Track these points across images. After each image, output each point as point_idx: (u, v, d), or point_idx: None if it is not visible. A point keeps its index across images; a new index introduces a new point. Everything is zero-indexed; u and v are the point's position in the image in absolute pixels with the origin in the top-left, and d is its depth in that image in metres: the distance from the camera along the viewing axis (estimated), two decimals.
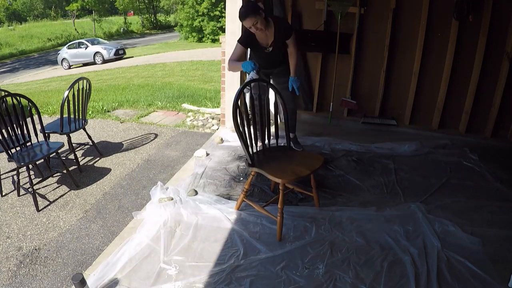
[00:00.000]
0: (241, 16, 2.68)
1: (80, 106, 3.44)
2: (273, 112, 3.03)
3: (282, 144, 2.51)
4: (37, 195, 2.87)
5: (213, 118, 4.95)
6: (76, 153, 3.52)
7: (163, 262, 1.98)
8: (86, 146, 4.01)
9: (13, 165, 3.25)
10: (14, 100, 2.85)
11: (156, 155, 3.80)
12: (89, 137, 3.74)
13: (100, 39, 19.91)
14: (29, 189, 2.80)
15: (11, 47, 23.94)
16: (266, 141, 2.43)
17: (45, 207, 2.85)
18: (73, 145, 3.66)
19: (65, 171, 3.13)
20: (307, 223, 2.30)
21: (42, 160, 3.14)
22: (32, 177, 3.07)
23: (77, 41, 18.20)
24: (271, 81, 3.12)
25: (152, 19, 36.75)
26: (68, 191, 3.09)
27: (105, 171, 3.45)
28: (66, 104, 3.28)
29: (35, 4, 37.11)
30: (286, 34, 2.86)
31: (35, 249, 2.36)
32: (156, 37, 30.46)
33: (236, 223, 2.32)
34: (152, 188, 2.71)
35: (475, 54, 3.59)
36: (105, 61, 16.71)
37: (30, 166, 2.88)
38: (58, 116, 4.53)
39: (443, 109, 3.88)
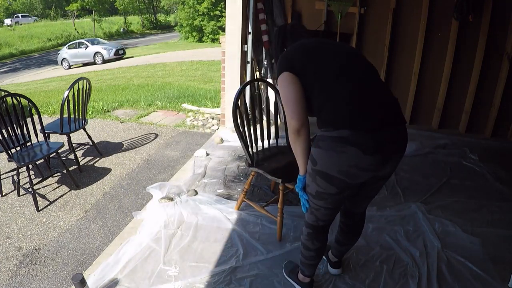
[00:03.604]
0: None
1: (80, 106, 3.44)
2: (273, 112, 3.03)
3: (282, 144, 2.51)
4: (37, 195, 2.86)
5: (213, 118, 4.95)
6: (76, 153, 3.52)
7: (163, 263, 1.98)
8: (86, 146, 4.01)
9: (13, 165, 3.25)
10: (14, 100, 2.85)
11: (156, 155, 3.80)
12: (89, 137, 3.74)
13: (100, 39, 19.90)
14: (29, 189, 2.80)
15: (11, 47, 23.92)
16: (266, 141, 2.43)
17: (45, 207, 2.85)
18: (73, 145, 3.66)
19: (65, 171, 3.13)
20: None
21: (42, 160, 3.14)
22: (32, 177, 3.07)
23: (77, 41, 18.19)
24: None
25: (152, 19, 36.75)
26: (68, 191, 3.09)
27: (105, 171, 3.45)
28: (66, 104, 3.28)
29: (34, 4, 37.08)
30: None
31: (35, 249, 2.36)
32: (156, 37, 30.46)
33: (236, 223, 2.32)
34: (151, 187, 2.70)
35: (475, 54, 3.59)
36: (105, 61, 16.71)
37: (30, 166, 2.88)
38: (58, 116, 4.53)
39: (443, 109, 3.88)
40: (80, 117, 3.50)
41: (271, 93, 3.56)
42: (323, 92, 1.38)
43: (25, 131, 2.94)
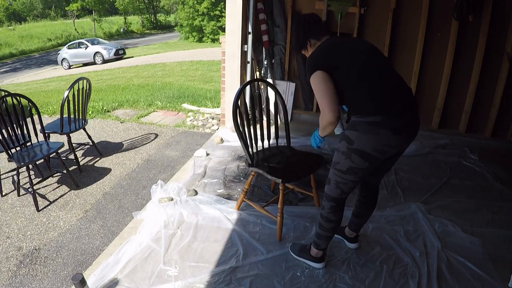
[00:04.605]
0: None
1: (80, 106, 3.44)
2: (273, 112, 3.03)
3: (282, 144, 2.51)
4: (37, 195, 2.86)
5: (213, 118, 4.95)
6: (76, 153, 3.52)
7: (163, 263, 1.98)
8: (86, 146, 4.01)
9: (13, 165, 3.25)
10: (14, 100, 2.85)
11: (156, 155, 3.80)
12: (89, 137, 3.74)
13: (100, 39, 19.89)
14: (29, 189, 2.80)
15: (11, 47, 23.92)
16: (266, 141, 2.43)
17: (45, 207, 2.85)
18: (73, 145, 3.66)
19: (65, 171, 3.13)
20: (307, 223, 2.30)
21: (42, 160, 3.14)
22: (32, 177, 3.07)
23: (77, 41, 18.19)
24: None
25: (152, 19, 36.75)
26: (68, 191, 3.09)
27: (105, 171, 3.45)
28: (66, 104, 3.28)
29: (34, 4, 37.07)
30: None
31: (35, 249, 2.36)
32: (156, 37, 30.45)
33: (236, 223, 2.32)
34: (153, 186, 2.71)
35: (475, 54, 3.59)
36: (105, 61, 16.71)
37: (30, 166, 2.88)
38: (58, 116, 4.53)
39: (443, 109, 3.88)
40: (80, 117, 3.50)
41: (271, 93, 3.56)
42: (356, 85, 1.58)
43: (25, 131, 2.94)
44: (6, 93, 2.90)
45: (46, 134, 3.19)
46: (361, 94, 1.57)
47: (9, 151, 2.76)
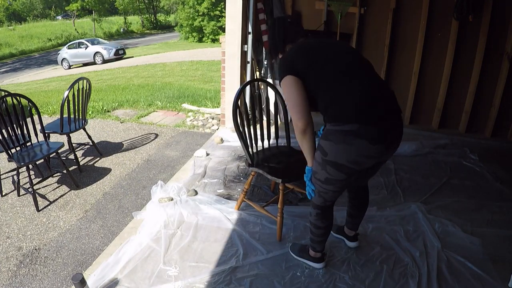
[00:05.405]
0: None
1: (80, 106, 3.44)
2: (273, 112, 3.03)
3: (282, 144, 2.51)
4: (37, 195, 2.86)
5: (213, 118, 4.95)
6: (76, 153, 3.52)
7: (163, 263, 1.98)
8: (86, 146, 4.01)
9: (13, 165, 3.26)
10: (14, 100, 2.85)
11: (156, 155, 3.80)
12: (89, 137, 3.74)
13: (100, 39, 19.89)
14: (29, 189, 2.80)
15: (11, 47, 23.92)
16: (266, 141, 2.43)
17: (45, 207, 2.85)
18: (73, 145, 3.66)
19: (65, 171, 3.13)
20: (307, 223, 2.30)
21: (42, 160, 3.14)
22: (32, 177, 3.07)
23: (77, 41, 18.18)
24: None
25: (152, 19, 36.75)
26: (68, 191, 3.09)
27: (105, 171, 3.45)
28: (66, 104, 3.28)
29: (35, 4, 37.08)
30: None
31: (35, 249, 2.36)
32: (156, 37, 30.45)
33: (236, 223, 2.32)
34: (153, 187, 2.71)
35: (475, 54, 3.60)
36: (105, 61, 16.71)
37: (30, 166, 2.88)
38: (58, 116, 4.53)
39: (443, 109, 3.88)
40: (80, 117, 3.50)
41: (271, 93, 3.56)
42: (329, 91, 1.49)
43: (25, 131, 2.94)
44: (6, 93, 2.90)
45: (46, 134, 3.19)
46: (337, 99, 1.46)
47: (9, 151, 2.76)
